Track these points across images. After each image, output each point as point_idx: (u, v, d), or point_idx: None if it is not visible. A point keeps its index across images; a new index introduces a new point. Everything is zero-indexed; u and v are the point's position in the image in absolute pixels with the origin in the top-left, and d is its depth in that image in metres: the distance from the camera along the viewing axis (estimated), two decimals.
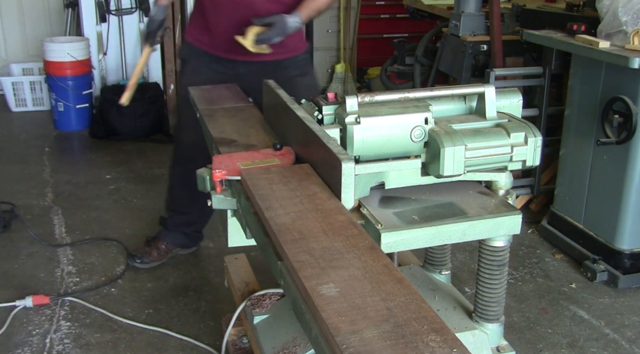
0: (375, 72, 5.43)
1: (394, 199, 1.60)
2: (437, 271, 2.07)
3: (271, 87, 1.83)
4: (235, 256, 2.48)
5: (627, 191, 2.80)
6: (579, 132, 3.07)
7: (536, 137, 1.59)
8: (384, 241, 1.44)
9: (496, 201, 1.62)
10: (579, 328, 2.61)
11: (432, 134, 1.54)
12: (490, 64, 3.70)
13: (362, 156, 1.54)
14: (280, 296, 2.10)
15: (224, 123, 1.92)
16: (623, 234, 2.87)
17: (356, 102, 1.54)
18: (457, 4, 3.87)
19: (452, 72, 4.02)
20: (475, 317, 1.81)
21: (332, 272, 1.08)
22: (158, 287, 2.82)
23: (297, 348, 1.83)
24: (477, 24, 3.81)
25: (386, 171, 1.56)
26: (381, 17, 5.86)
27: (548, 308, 2.73)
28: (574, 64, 3.07)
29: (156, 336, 2.50)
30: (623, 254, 2.88)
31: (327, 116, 1.60)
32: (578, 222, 3.11)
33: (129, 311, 2.65)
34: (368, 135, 1.52)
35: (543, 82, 3.34)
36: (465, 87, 1.69)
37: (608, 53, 2.73)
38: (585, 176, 3.04)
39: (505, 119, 1.65)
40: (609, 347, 2.49)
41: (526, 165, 1.62)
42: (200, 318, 2.62)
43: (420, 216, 1.53)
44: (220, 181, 1.52)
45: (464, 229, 1.52)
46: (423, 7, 4.62)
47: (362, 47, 5.92)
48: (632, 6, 2.73)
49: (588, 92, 2.98)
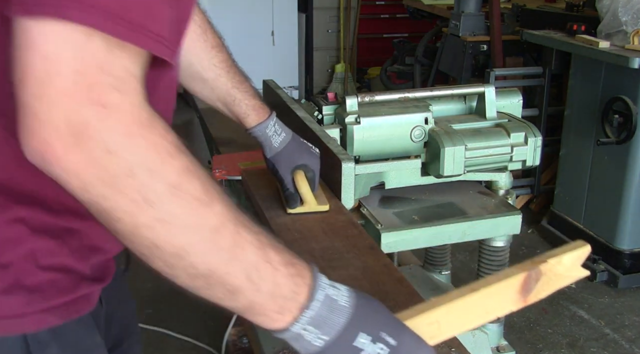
0: (375, 72, 5.43)
1: (394, 199, 1.60)
2: (437, 271, 2.07)
3: (271, 87, 1.83)
4: None
5: (627, 191, 2.80)
6: (579, 132, 3.07)
7: (536, 137, 1.59)
8: (384, 241, 1.44)
9: (496, 201, 1.62)
10: (579, 327, 2.61)
11: (432, 134, 1.54)
12: (490, 64, 3.70)
13: (362, 156, 1.54)
14: None
15: (224, 123, 1.92)
16: (623, 234, 2.87)
17: (356, 102, 1.54)
18: (457, 4, 3.86)
19: (452, 72, 4.02)
20: None
21: (331, 272, 1.08)
22: (158, 287, 2.82)
23: None
24: (477, 24, 3.81)
25: (386, 171, 1.56)
26: (381, 17, 5.85)
27: (548, 308, 2.73)
28: (574, 64, 3.07)
29: (156, 336, 2.50)
30: (623, 254, 2.88)
31: (327, 116, 1.60)
32: (578, 222, 3.10)
33: None
34: (368, 135, 1.52)
35: (543, 82, 3.34)
36: (465, 87, 1.69)
37: (608, 53, 2.73)
38: (585, 176, 3.04)
39: (505, 119, 1.65)
40: (609, 347, 2.49)
41: (526, 165, 1.62)
42: (200, 318, 2.62)
43: (420, 216, 1.53)
44: (220, 180, 1.52)
45: (464, 229, 1.52)
46: (423, 7, 4.62)
47: (362, 47, 5.91)
48: (632, 6, 2.73)
49: (588, 92, 2.97)
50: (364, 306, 0.74)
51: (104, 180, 0.60)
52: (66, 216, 0.79)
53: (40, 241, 0.77)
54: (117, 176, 0.60)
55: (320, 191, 1.37)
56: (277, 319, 0.70)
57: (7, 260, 0.76)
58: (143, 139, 0.61)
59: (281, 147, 1.29)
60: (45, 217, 0.77)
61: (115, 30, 0.59)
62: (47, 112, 0.58)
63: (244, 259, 0.67)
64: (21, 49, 0.59)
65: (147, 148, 0.61)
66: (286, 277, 0.69)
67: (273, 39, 5.30)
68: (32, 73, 0.58)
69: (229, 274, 0.66)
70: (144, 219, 0.62)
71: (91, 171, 0.60)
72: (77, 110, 0.58)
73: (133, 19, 0.60)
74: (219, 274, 0.66)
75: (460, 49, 3.79)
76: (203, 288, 0.67)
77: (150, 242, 0.63)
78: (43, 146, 0.59)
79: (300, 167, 1.30)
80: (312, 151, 1.35)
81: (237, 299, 0.68)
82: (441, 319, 0.76)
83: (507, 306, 0.78)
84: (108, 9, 0.59)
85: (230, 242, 0.66)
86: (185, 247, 0.64)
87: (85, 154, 0.59)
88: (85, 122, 0.58)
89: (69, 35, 0.58)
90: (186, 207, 0.63)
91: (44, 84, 0.58)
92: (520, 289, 0.78)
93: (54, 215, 0.78)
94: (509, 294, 0.78)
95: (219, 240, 0.65)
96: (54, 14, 0.57)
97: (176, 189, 0.62)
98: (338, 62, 5.84)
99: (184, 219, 0.63)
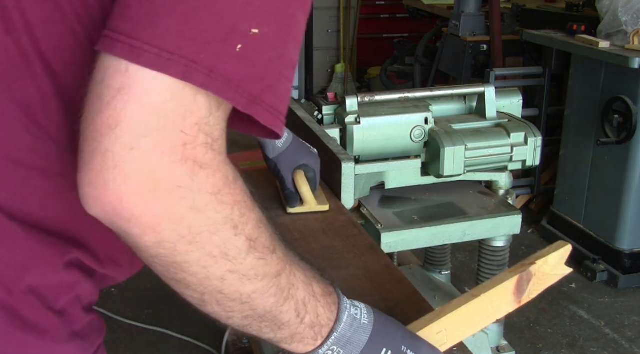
0: (375, 72, 5.43)
1: (394, 199, 1.60)
2: (437, 271, 2.07)
3: None
4: None
5: (627, 191, 2.80)
6: (579, 132, 3.07)
7: (536, 137, 1.59)
8: (384, 241, 1.44)
9: (496, 201, 1.62)
10: (579, 327, 2.61)
11: (432, 134, 1.54)
12: (490, 64, 3.70)
13: (362, 156, 1.54)
14: None
15: None
16: (623, 234, 2.87)
17: (356, 102, 1.54)
18: (457, 4, 3.86)
19: (452, 72, 4.02)
20: None
21: (332, 272, 1.08)
22: (158, 287, 2.81)
23: None
24: (477, 24, 3.81)
25: (386, 171, 1.56)
26: (381, 17, 5.85)
27: (548, 308, 2.73)
28: (574, 64, 3.07)
29: (156, 336, 2.49)
30: (623, 254, 2.88)
31: (327, 116, 1.60)
32: (578, 222, 3.10)
33: (129, 311, 2.65)
34: (368, 135, 1.52)
35: (543, 82, 3.34)
36: (465, 87, 1.69)
37: (608, 53, 2.73)
38: (585, 176, 3.04)
39: (505, 119, 1.65)
40: (609, 347, 2.49)
41: (526, 165, 1.62)
42: (200, 318, 2.60)
43: (420, 216, 1.53)
44: None
45: (464, 229, 1.52)
46: (423, 7, 4.62)
47: (362, 47, 5.91)
48: (632, 6, 2.73)
49: (588, 92, 2.97)
50: (382, 322, 0.76)
51: (185, 236, 0.58)
52: (108, 266, 0.78)
53: (85, 284, 0.75)
54: (200, 233, 0.58)
55: (320, 191, 1.37)
56: (310, 344, 0.72)
57: (61, 306, 0.73)
58: (230, 197, 0.59)
59: (284, 147, 1.29)
60: (93, 263, 0.76)
61: (232, 99, 0.56)
62: (135, 165, 0.54)
63: (296, 296, 0.69)
64: (112, 92, 0.54)
65: (232, 206, 0.60)
66: (324, 306, 0.72)
67: None
68: (128, 122, 0.53)
69: (282, 313, 0.68)
70: (219, 272, 0.61)
71: (173, 227, 0.57)
72: (168, 167, 0.55)
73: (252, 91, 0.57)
74: (274, 314, 0.67)
75: (460, 49, 3.79)
76: (251, 326, 0.68)
77: (217, 291, 0.63)
78: (119, 199, 0.55)
79: (301, 167, 1.31)
80: (311, 151, 1.35)
81: (281, 332, 0.70)
82: (448, 327, 0.81)
83: (505, 308, 0.84)
84: (230, 78, 0.55)
85: (287, 284, 0.67)
86: (251, 294, 0.64)
87: (169, 211, 0.56)
88: (176, 179, 0.55)
89: (179, 92, 0.54)
90: (260, 258, 0.63)
91: (139, 136, 0.54)
92: (514, 291, 0.84)
93: (99, 264, 0.77)
94: (505, 297, 0.83)
95: (279, 283, 0.67)
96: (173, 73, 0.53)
97: (253, 242, 0.62)
98: (338, 62, 5.84)
99: (257, 270, 0.63)
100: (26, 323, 0.70)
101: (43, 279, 0.70)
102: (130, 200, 0.55)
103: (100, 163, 0.54)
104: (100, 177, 0.55)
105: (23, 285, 0.69)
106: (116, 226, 0.57)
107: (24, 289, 0.69)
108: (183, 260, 0.60)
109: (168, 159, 0.55)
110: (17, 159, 0.66)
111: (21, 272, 0.69)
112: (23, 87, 0.64)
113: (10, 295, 0.69)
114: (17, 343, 0.70)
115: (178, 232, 0.57)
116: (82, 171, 0.56)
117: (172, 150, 0.55)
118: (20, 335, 0.70)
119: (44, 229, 0.70)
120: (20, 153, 0.66)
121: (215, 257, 0.60)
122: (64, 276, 0.72)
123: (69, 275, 0.73)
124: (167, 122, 0.54)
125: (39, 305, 0.70)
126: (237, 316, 0.67)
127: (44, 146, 0.66)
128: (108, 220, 0.57)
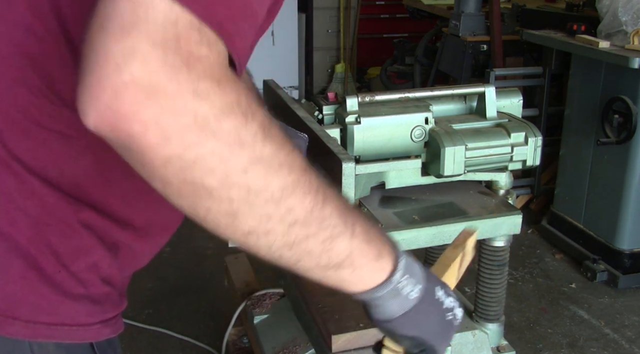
0: (375, 72, 5.43)
1: (394, 199, 1.60)
2: None
3: (271, 87, 1.83)
4: (235, 256, 2.48)
5: (627, 191, 2.80)
6: (579, 132, 3.07)
7: (536, 137, 1.59)
8: None
9: (496, 201, 1.62)
10: (579, 327, 2.61)
11: (432, 134, 1.54)
12: (490, 64, 3.71)
13: (362, 155, 1.54)
14: (280, 296, 2.10)
15: None
16: (623, 234, 2.87)
17: (356, 102, 1.54)
18: (457, 4, 3.86)
19: (452, 72, 4.02)
20: (475, 317, 1.81)
21: None
22: (158, 287, 2.82)
23: (297, 348, 1.83)
24: (477, 24, 3.81)
25: (386, 171, 1.56)
26: (381, 17, 5.86)
27: (548, 308, 2.73)
28: (574, 64, 3.07)
29: (156, 336, 2.50)
30: (623, 254, 2.88)
31: (328, 116, 1.60)
32: (578, 222, 3.10)
33: (129, 311, 2.65)
34: (368, 135, 1.52)
35: (543, 82, 3.34)
36: (465, 87, 1.69)
37: (608, 53, 2.73)
38: (585, 176, 3.04)
39: (505, 119, 1.65)
40: (609, 347, 2.49)
41: (526, 165, 1.62)
42: (200, 318, 2.62)
43: (421, 216, 1.53)
44: None
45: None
46: (423, 7, 4.62)
47: (362, 47, 5.91)
48: (632, 6, 2.73)
49: (588, 92, 2.98)
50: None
51: (191, 126, 0.54)
52: (125, 230, 0.80)
53: (102, 252, 0.79)
54: (207, 119, 0.55)
55: None
56: (377, 269, 0.70)
57: (77, 269, 0.77)
58: (232, 85, 0.57)
59: None
60: (110, 227, 0.79)
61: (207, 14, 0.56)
62: (129, 57, 0.53)
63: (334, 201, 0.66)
64: None
65: (237, 93, 0.57)
66: (371, 226, 0.71)
67: (273, 39, 5.30)
68: (118, 16, 0.53)
69: (325, 218, 0.64)
70: (239, 163, 0.57)
71: (176, 117, 0.54)
72: (164, 57, 0.53)
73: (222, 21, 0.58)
74: (315, 216, 0.63)
75: (460, 49, 3.79)
76: (300, 246, 0.64)
77: (244, 190, 0.58)
78: (115, 93, 0.53)
79: None
80: (299, 135, 1.32)
81: (335, 252, 0.66)
82: None
83: (452, 283, 0.91)
84: None
85: (318, 185, 0.64)
86: (283, 191, 0.60)
87: (170, 100, 0.54)
88: (172, 68, 0.54)
89: None
90: (279, 149, 0.60)
91: (130, 27, 0.53)
92: (458, 268, 0.92)
93: (117, 226, 0.79)
94: (453, 276, 0.91)
95: (310, 180, 0.63)
96: None
97: (267, 130, 0.59)
98: (338, 62, 5.84)
99: (280, 159, 0.60)
100: (42, 273, 0.75)
101: (60, 237, 0.75)
102: (127, 93, 0.53)
103: (93, 63, 0.54)
104: (93, 75, 0.54)
105: (41, 237, 0.75)
106: (117, 131, 0.54)
107: (43, 242, 0.75)
108: (197, 156, 0.55)
109: (162, 50, 0.53)
110: (38, 122, 0.73)
111: (38, 224, 0.74)
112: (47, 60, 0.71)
113: (30, 243, 0.74)
114: (31, 289, 0.75)
115: (183, 122, 0.54)
116: (82, 81, 0.55)
117: (166, 41, 0.54)
118: (35, 282, 0.75)
119: (60, 188, 0.75)
120: (42, 118, 0.73)
121: (231, 144, 0.56)
122: (80, 238, 0.76)
123: (85, 238, 0.77)
124: (158, 13, 0.54)
125: (55, 262, 0.75)
126: (279, 230, 0.62)
127: (62, 112, 0.72)
128: (108, 126, 0.55)
